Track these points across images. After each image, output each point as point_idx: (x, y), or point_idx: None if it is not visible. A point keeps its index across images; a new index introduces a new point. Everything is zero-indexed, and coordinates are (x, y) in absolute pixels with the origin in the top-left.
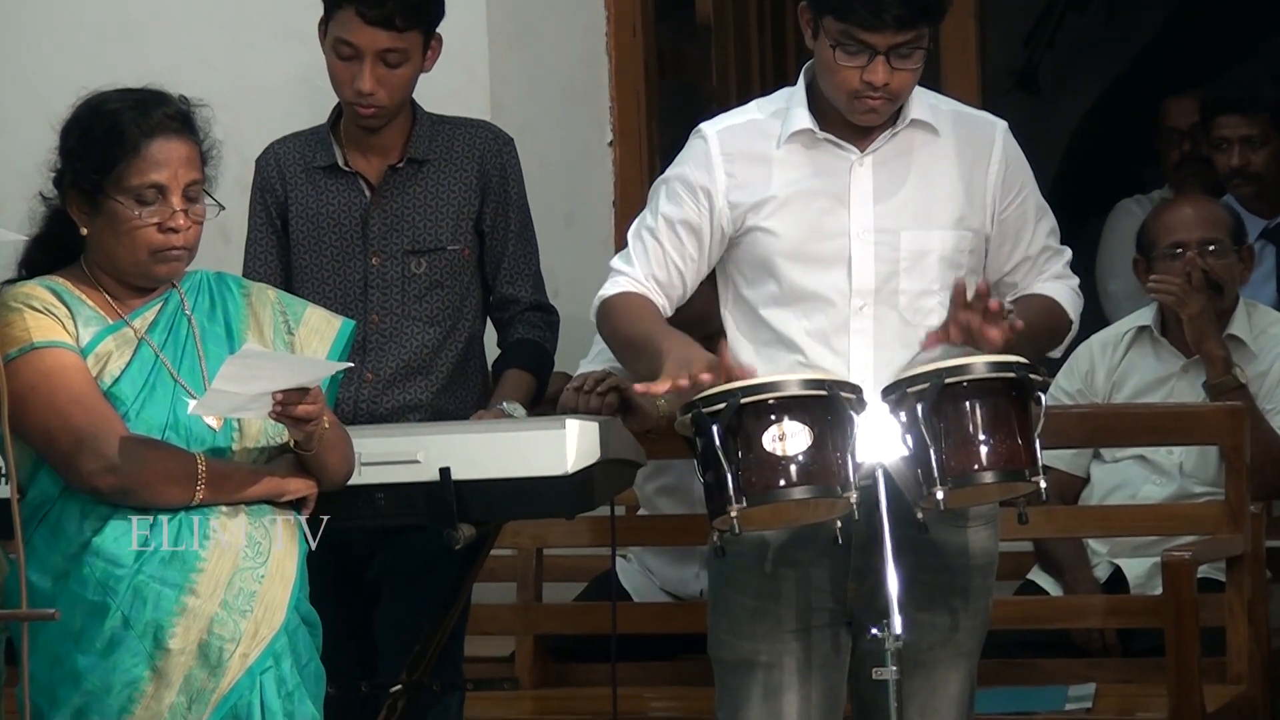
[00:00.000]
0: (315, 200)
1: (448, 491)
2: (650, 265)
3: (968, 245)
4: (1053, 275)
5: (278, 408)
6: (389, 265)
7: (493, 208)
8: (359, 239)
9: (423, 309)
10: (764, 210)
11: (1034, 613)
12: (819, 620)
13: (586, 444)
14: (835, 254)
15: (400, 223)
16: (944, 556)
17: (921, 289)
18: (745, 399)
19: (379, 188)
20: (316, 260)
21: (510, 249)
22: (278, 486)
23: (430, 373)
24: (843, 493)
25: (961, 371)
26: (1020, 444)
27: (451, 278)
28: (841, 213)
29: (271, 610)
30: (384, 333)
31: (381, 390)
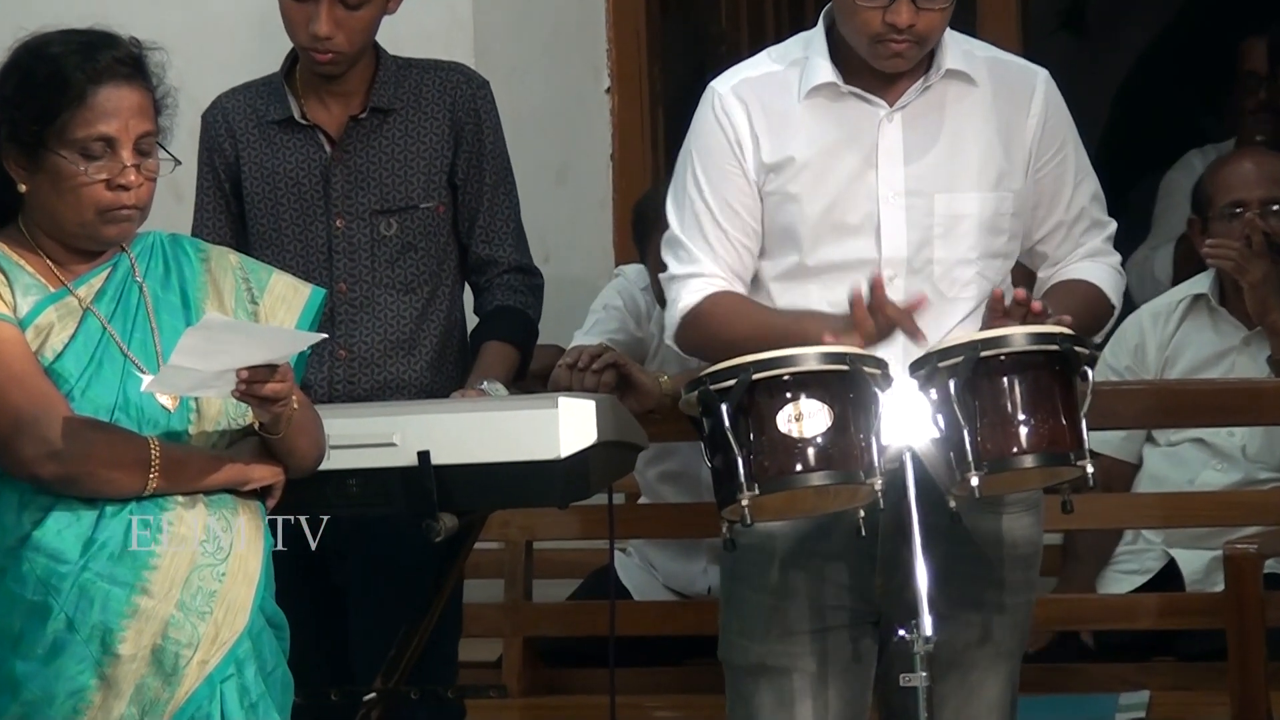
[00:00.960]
0: (270, 158)
1: (427, 477)
2: (718, 255)
3: (1009, 208)
4: (1089, 252)
5: (242, 386)
6: (355, 227)
7: (466, 158)
8: (320, 199)
9: (396, 275)
10: (784, 173)
11: (1080, 612)
12: (838, 620)
13: (581, 425)
14: (863, 220)
15: (365, 180)
16: (979, 546)
17: (957, 258)
18: (757, 374)
19: (340, 141)
20: (274, 225)
21: (485, 204)
22: (240, 474)
23: (415, 347)
24: (866, 479)
25: (999, 344)
26: (1064, 424)
27: (426, 239)
28: (869, 174)
29: (233, 612)
30: (354, 303)
31: (359, 368)
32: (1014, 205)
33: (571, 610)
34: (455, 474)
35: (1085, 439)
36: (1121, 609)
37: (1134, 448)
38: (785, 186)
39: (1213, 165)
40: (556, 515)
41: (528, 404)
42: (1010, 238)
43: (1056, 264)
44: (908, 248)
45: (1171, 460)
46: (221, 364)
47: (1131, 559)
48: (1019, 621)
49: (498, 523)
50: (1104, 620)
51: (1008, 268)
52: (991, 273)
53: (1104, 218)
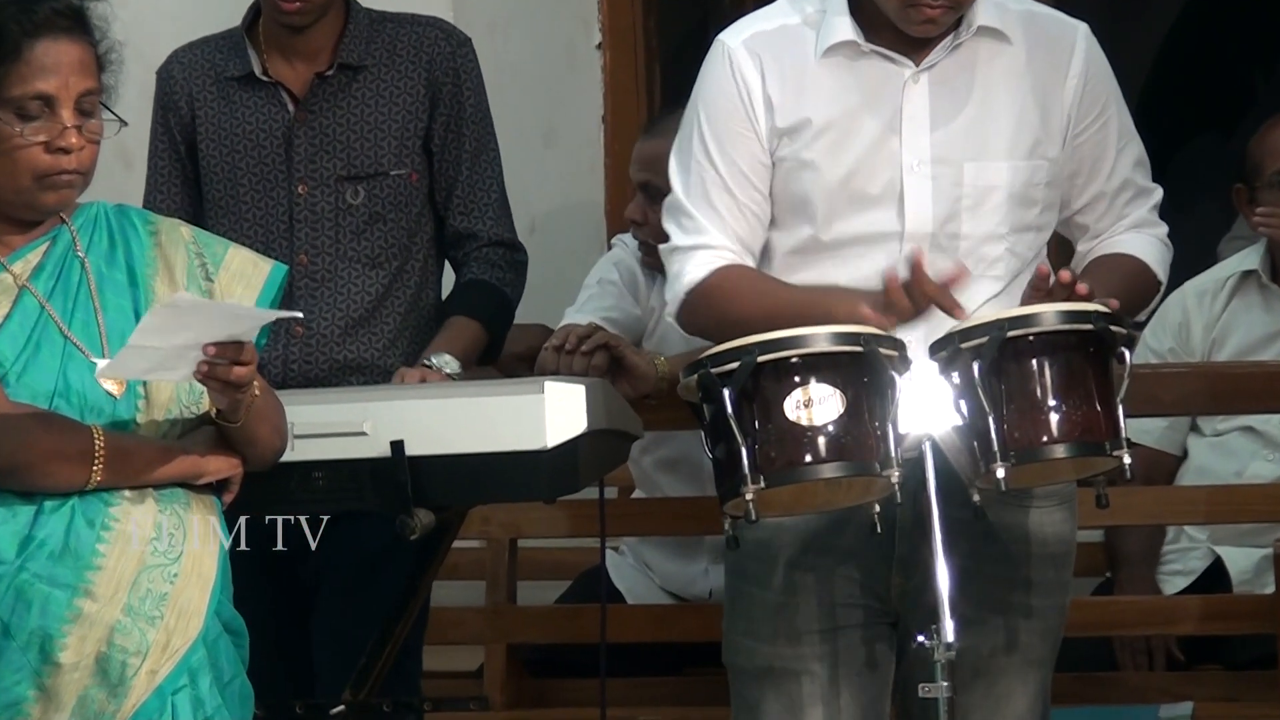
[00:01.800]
0: (228, 118)
1: (401, 470)
2: (728, 226)
3: (1043, 178)
4: (1134, 223)
5: (204, 367)
6: (319, 195)
7: (443, 121)
8: (281, 164)
9: (362, 247)
10: (800, 137)
11: (1117, 616)
12: (851, 619)
13: (570, 412)
14: (884, 190)
15: (331, 143)
16: (1005, 544)
17: (987, 232)
18: (763, 356)
19: (305, 100)
20: (231, 192)
21: (464, 173)
22: (194, 466)
23: (374, 325)
24: (882, 470)
25: (1027, 323)
26: (1099, 411)
27: (396, 209)
28: (892, 140)
29: (186, 617)
30: (315, 277)
31: (315, 348)
32: (1049, 174)
33: (559, 615)
34: (432, 466)
35: (1122, 427)
36: (1163, 613)
37: (1177, 437)
38: (800, 152)
39: (1263, 129)
40: (543, 511)
41: (511, 389)
42: (1044, 209)
43: (1098, 236)
44: (933, 221)
45: (1218, 450)
46: (184, 340)
47: (1174, 558)
48: (1050, 627)
49: (478, 519)
50: (1143, 625)
51: (1041, 242)
52: (1022, 248)
53: (1149, 185)
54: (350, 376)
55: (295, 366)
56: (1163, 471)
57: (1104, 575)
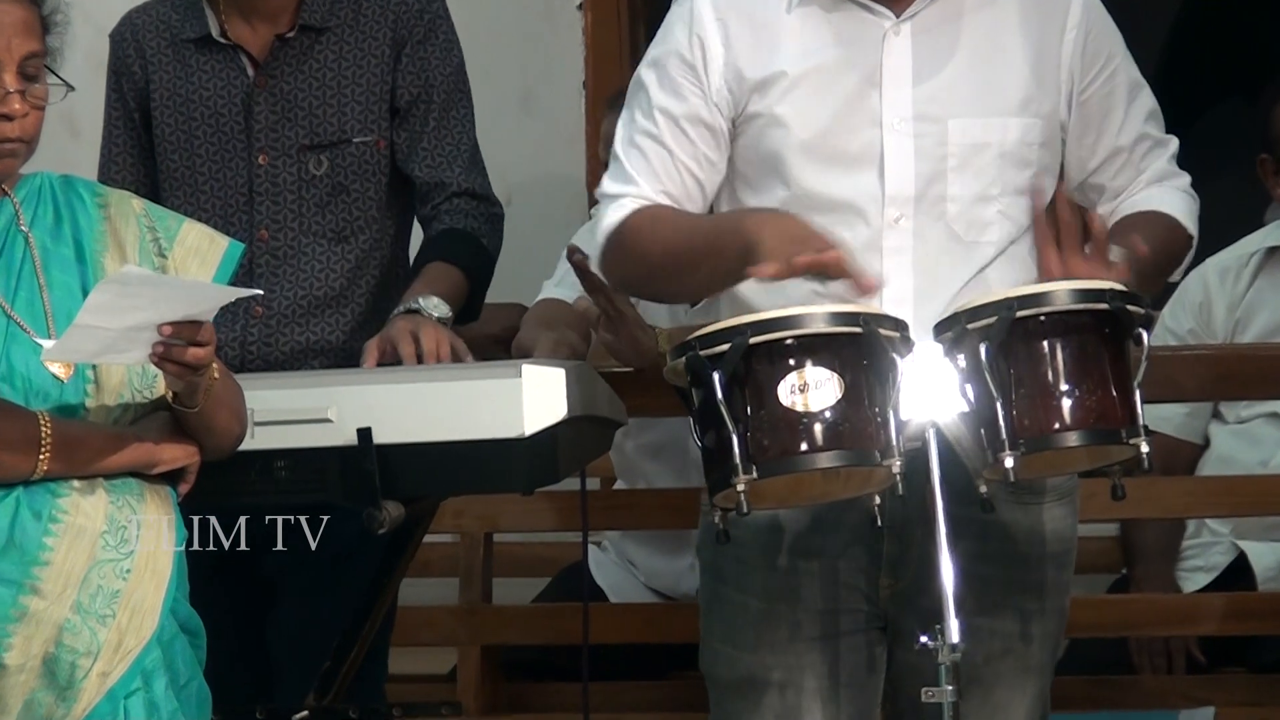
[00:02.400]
0: (184, 83)
1: (368, 459)
2: (659, 178)
3: (1037, 136)
4: (1155, 176)
5: (160, 348)
6: (280, 165)
7: (409, 78)
8: (241, 132)
9: (326, 221)
10: (770, 92)
11: (1131, 616)
12: (849, 625)
13: (549, 397)
14: (863, 150)
15: (293, 109)
16: (1003, 542)
17: (977, 194)
18: (755, 338)
19: (265, 64)
20: (188, 162)
21: (432, 124)
22: (148, 454)
23: (342, 304)
24: (882, 460)
25: (1038, 302)
26: (1115, 396)
27: (362, 179)
28: (872, 95)
29: (140, 615)
30: (277, 253)
31: (275, 328)
32: (1042, 133)
33: (537, 614)
34: (401, 455)
35: (1140, 413)
36: (1183, 612)
37: (1198, 424)
38: (772, 107)
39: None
40: (520, 503)
41: (486, 372)
42: (1038, 171)
43: (1117, 195)
44: (916, 182)
45: (1242, 438)
46: (136, 320)
47: (1195, 554)
48: (1051, 630)
49: (451, 512)
50: (1161, 625)
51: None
52: (1016, 212)
53: (1163, 135)
54: (314, 360)
55: (254, 349)
56: (1183, 461)
57: (1120, 572)
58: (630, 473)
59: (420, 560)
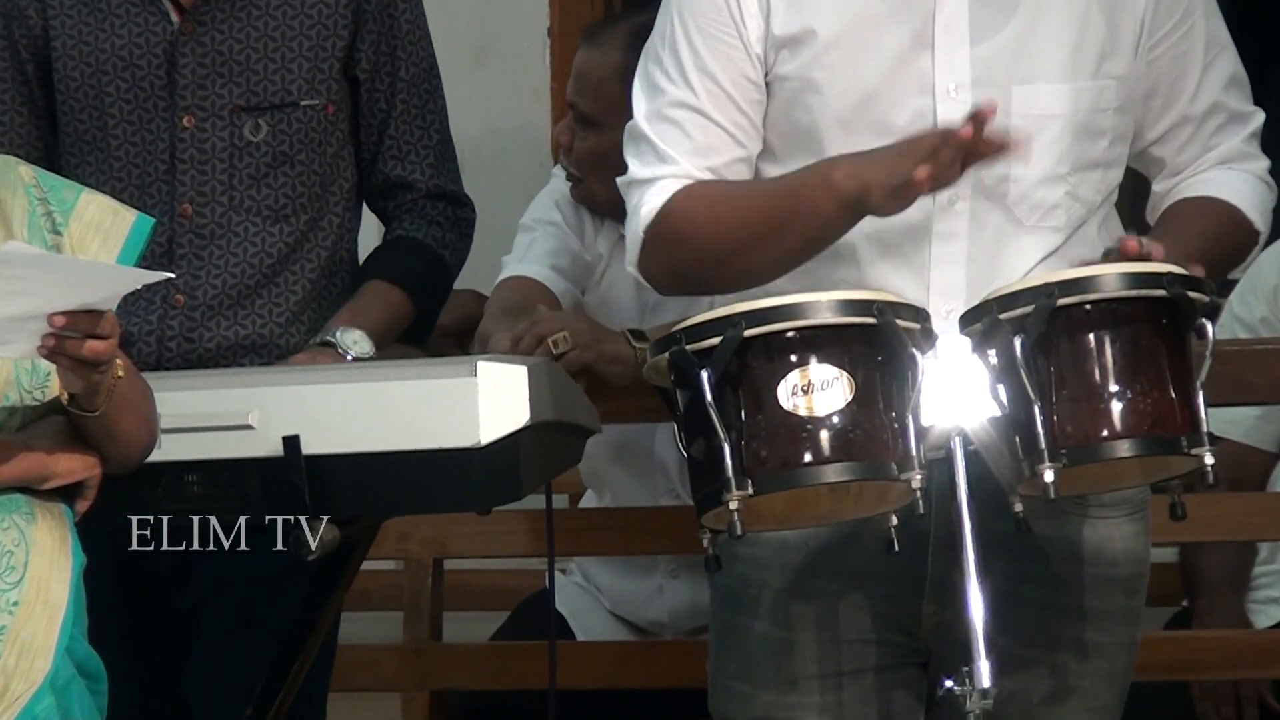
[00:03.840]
0: (92, 30)
1: (296, 472)
2: (700, 153)
3: (1112, 101)
4: (1225, 156)
5: (51, 340)
6: (209, 129)
7: (372, 41)
8: (162, 88)
9: (263, 196)
10: (803, 52)
11: (1197, 655)
12: (867, 661)
13: (510, 400)
14: (912, 121)
15: (226, 63)
16: (1055, 563)
17: (1044, 173)
18: (750, 329)
19: (192, 9)
20: (97, 123)
21: (398, 107)
22: (39, 465)
23: (274, 293)
24: (900, 474)
25: (1083, 287)
26: (1174, 398)
27: (307, 148)
28: (923, 58)
29: (30, 655)
30: (202, 232)
31: (200, 321)
32: (1118, 97)
33: (495, 654)
34: (335, 467)
35: (1203, 418)
36: (1254, 651)
37: (1273, 430)
38: (806, 70)
39: None
40: (475, 524)
41: (435, 371)
42: (1114, 141)
43: (1178, 173)
44: None
45: None
46: (21, 308)
47: (1269, 583)
48: (1118, 669)
49: (395, 535)
50: (1229, 666)
51: (1111, 183)
52: (1087, 190)
53: (1245, 108)
54: (243, 358)
55: (174, 345)
56: (1254, 473)
57: (1180, 604)
58: (593, 477)
59: (358, 590)
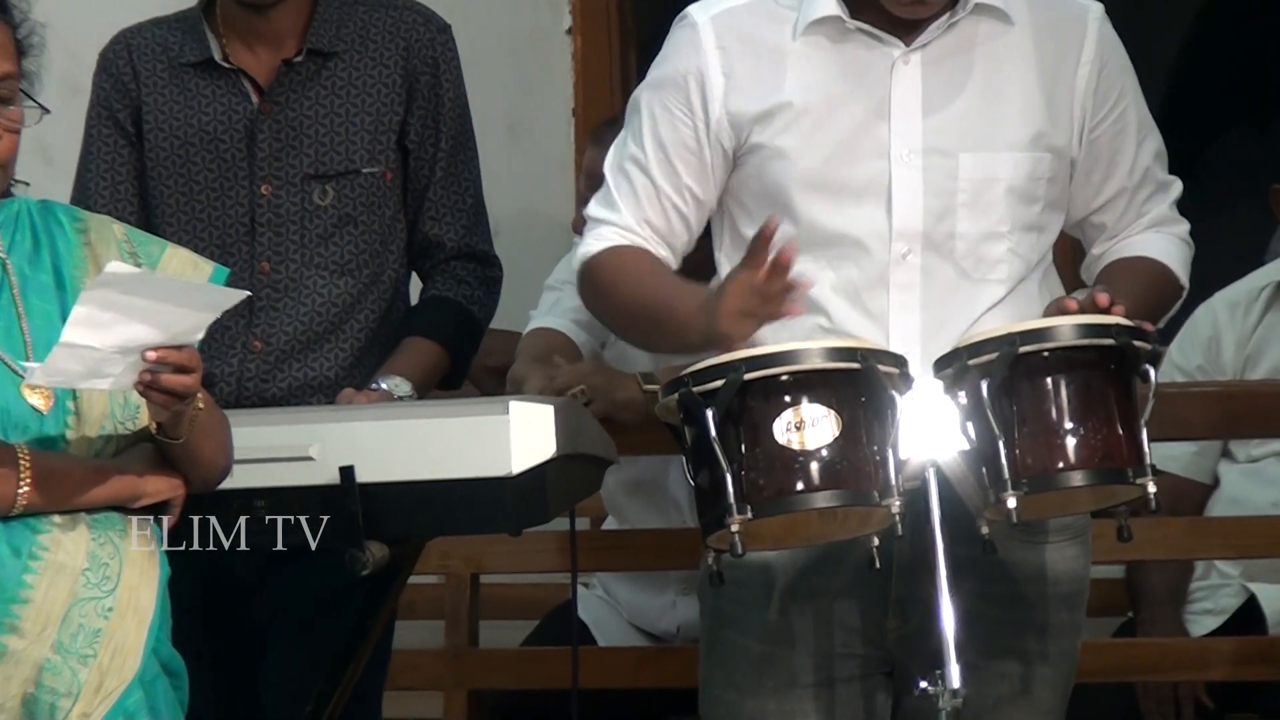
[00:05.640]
0: (182, 108)
1: (351, 498)
2: (642, 208)
3: (1045, 172)
4: (1154, 221)
5: (146, 375)
6: (284, 195)
7: (420, 116)
8: (243, 160)
9: (330, 253)
10: (774, 122)
11: (1141, 660)
12: (847, 670)
13: (538, 435)
14: (871, 183)
15: (299, 137)
16: (1014, 583)
17: (985, 230)
18: (750, 374)
19: (269, 90)
20: (184, 189)
21: (438, 174)
22: (131, 487)
23: (340, 339)
24: (881, 500)
25: (1041, 337)
26: (1121, 434)
27: (369, 211)
28: (880, 127)
29: (121, 655)
30: (277, 286)
31: (274, 364)
32: (1051, 169)
33: (525, 658)
34: (386, 494)
35: (1147, 452)
36: (1191, 656)
37: (1207, 464)
38: (775, 139)
39: None
40: (508, 544)
41: (473, 409)
42: (1045, 207)
43: (1114, 236)
44: (925, 218)
45: (1253, 478)
46: (123, 339)
47: (1204, 596)
48: (1062, 674)
49: (437, 553)
50: (1169, 669)
51: (1046, 244)
52: (1025, 249)
53: (1168, 178)
54: (311, 396)
55: (250, 385)
56: (1191, 501)
57: (1126, 615)
58: (616, 510)
59: (405, 602)
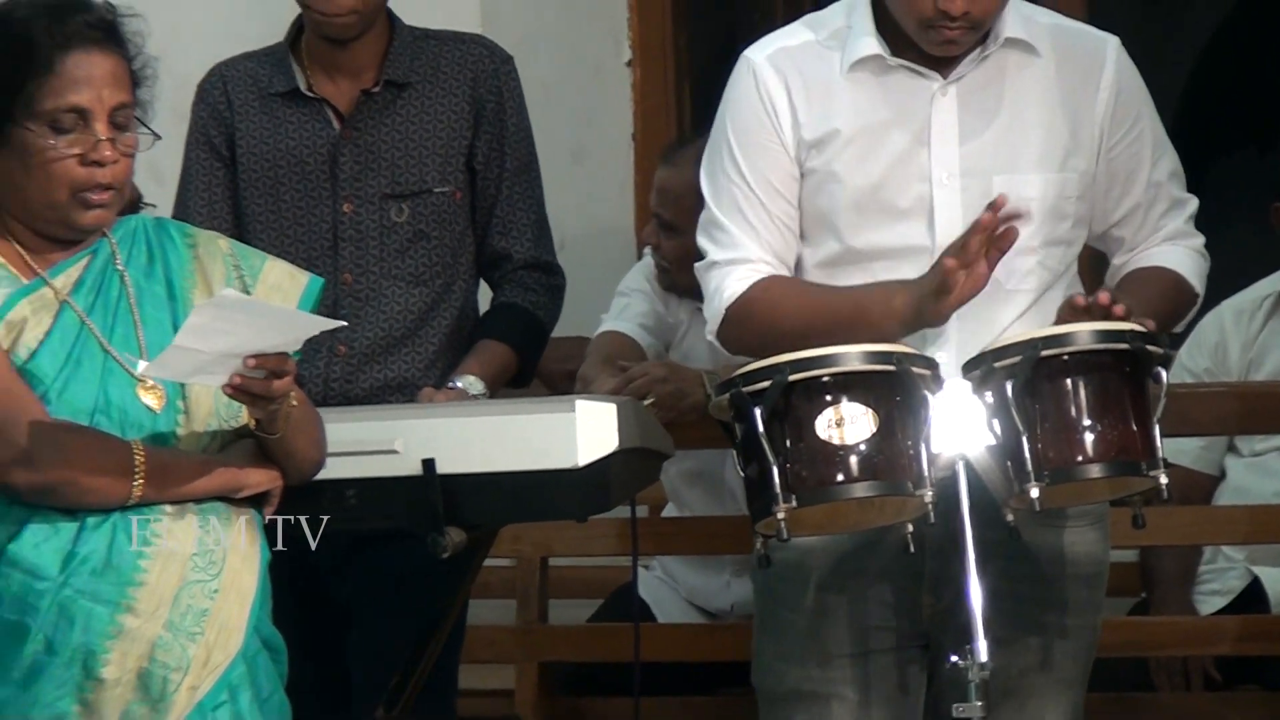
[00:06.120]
0: (271, 134)
1: (432, 488)
2: (761, 238)
3: (1074, 190)
4: (1170, 235)
5: (238, 379)
6: (364, 212)
7: (486, 140)
8: (326, 181)
9: (406, 265)
10: (827, 150)
11: (1153, 636)
12: (883, 643)
13: (602, 430)
14: (913, 203)
15: (377, 160)
16: (1038, 564)
17: (1018, 245)
18: (794, 375)
19: (350, 117)
20: (273, 208)
21: (505, 191)
22: (235, 479)
23: (416, 343)
24: (915, 490)
25: (1061, 342)
26: (1135, 430)
27: (440, 227)
28: (921, 153)
29: (226, 632)
30: (359, 295)
31: (357, 366)
32: (1078, 187)
33: (591, 634)
34: (463, 484)
35: (1159, 447)
36: (1200, 633)
37: (1214, 457)
38: (829, 164)
39: None
40: (574, 529)
41: (542, 407)
42: (1074, 223)
43: (1133, 249)
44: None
45: (1256, 471)
46: (227, 345)
47: (1211, 578)
48: (1082, 647)
49: (509, 538)
50: (1180, 645)
51: (1072, 256)
52: (1053, 261)
53: (1184, 195)
54: (391, 395)
55: (336, 385)
56: (1200, 492)
57: (1139, 596)
58: (676, 497)
59: (480, 582)
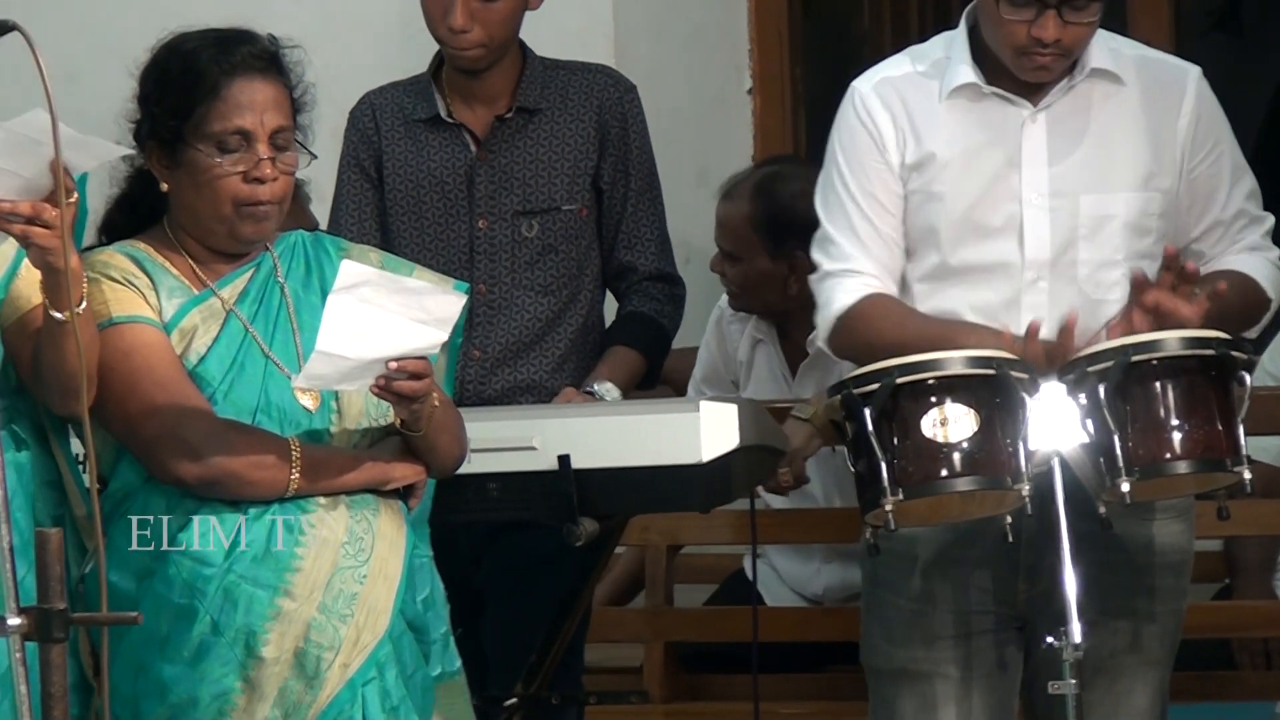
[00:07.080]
0: (415, 156)
1: (567, 482)
2: (875, 254)
3: (1156, 208)
4: (1247, 246)
5: (382, 380)
6: (497, 228)
7: (611, 162)
8: (464, 199)
9: (535, 277)
10: (927, 171)
11: (1236, 619)
12: (982, 625)
13: (723, 429)
14: (1006, 221)
15: (509, 180)
16: (1128, 553)
17: (1103, 259)
18: (901, 379)
19: (485, 141)
20: (416, 224)
21: (629, 209)
22: (382, 473)
23: (544, 348)
24: (1013, 484)
25: (1150, 348)
26: (1220, 430)
27: (567, 241)
28: (1013, 175)
29: (375, 614)
30: (492, 304)
31: (490, 369)
32: (1161, 205)
33: (712, 616)
34: (596, 478)
35: (1242, 445)
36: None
37: None
38: (929, 185)
39: None
40: (698, 520)
41: (669, 408)
42: (1157, 239)
43: (1212, 260)
44: (1051, 250)
45: None
46: (370, 351)
47: None
48: (1169, 630)
49: (638, 527)
50: (1261, 627)
51: (1154, 269)
52: None
53: (1261, 213)
54: (521, 396)
55: (470, 387)
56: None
57: (1223, 582)
58: None
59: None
